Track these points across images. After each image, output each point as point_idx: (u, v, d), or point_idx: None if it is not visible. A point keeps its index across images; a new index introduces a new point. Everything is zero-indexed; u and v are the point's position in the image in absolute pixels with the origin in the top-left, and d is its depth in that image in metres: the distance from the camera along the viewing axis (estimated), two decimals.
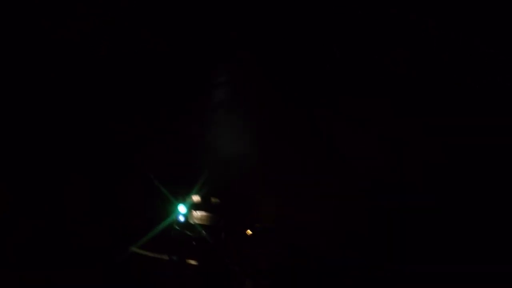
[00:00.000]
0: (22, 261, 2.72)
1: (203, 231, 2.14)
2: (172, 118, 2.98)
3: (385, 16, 2.93)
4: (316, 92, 3.01)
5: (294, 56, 3.00)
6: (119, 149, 2.82)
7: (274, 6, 2.93)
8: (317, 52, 2.98)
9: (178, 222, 2.17)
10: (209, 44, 2.99)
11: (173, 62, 3.04)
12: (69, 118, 2.95)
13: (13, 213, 2.81)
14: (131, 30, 3.00)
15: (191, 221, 2.18)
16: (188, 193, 2.30)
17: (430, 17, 2.89)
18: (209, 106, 2.90)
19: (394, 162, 2.92)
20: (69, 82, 2.98)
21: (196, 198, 2.28)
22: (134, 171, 2.77)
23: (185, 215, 2.19)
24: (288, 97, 3.00)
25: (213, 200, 2.28)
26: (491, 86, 2.84)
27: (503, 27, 2.78)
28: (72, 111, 2.96)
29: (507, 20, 2.77)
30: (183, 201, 2.25)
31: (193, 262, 2.03)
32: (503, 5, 2.75)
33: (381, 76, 2.98)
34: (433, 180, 2.84)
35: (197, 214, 2.23)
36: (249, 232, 2.33)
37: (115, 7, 2.95)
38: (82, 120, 2.96)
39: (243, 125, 2.96)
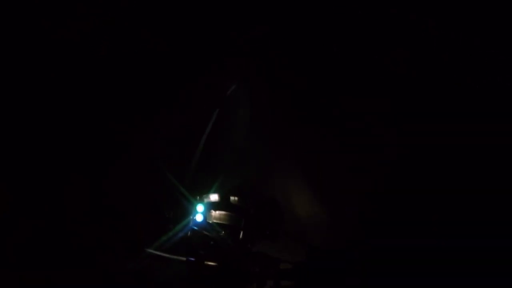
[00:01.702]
0: (22, 261, 2.72)
1: (222, 231, 2.09)
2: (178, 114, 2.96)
3: (385, 16, 2.93)
4: (316, 92, 3.01)
5: (294, 56, 3.01)
6: (122, 149, 2.80)
7: (274, 6, 2.93)
8: (317, 53, 2.99)
9: (196, 222, 2.12)
10: (209, 44, 3.00)
11: (173, 62, 3.05)
12: (69, 118, 2.96)
13: (13, 213, 2.81)
14: (131, 30, 3.00)
15: (210, 221, 2.13)
16: (206, 192, 2.24)
17: (430, 17, 2.89)
18: (218, 103, 2.86)
19: (394, 162, 2.92)
20: (69, 82, 2.98)
21: (214, 197, 2.22)
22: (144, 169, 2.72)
23: (203, 215, 2.14)
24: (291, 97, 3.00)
25: (233, 199, 2.22)
26: (491, 86, 2.84)
27: (503, 27, 2.78)
28: (72, 111, 2.96)
29: (507, 20, 2.77)
30: (201, 200, 2.20)
31: (211, 263, 1.99)
32: (503, 5, 2.76)
33: (381, 76, 2.98)
34: (435, 180, 2.84)
35: (216, 213, 2.16)
36: None
37: (115, 7, 2.96)
38: (82, 120, 2.96)
39: (255, 123, 2.94)
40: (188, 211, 2.16)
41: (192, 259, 1.97)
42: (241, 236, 2.11)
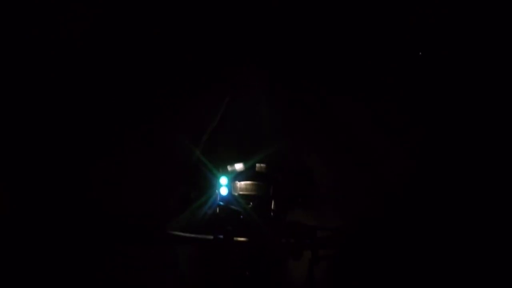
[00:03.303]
0: (22, 261, 2.71)
1: (250, 203, 1.95)
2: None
3: (385, 16, 2.94)
4: (317, 94, 3.02)
5: (297, 58, 3.01)
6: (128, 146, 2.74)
7: (275, 7, 2.93)
8: (318, 53, 2.99)
9: (221, 196, 1.98)
10: (210, 45, 3.00)
11: (174, 62, 3.04)
12: (70, 118, 2.95)
13: (13, 213, 2.81)
14: (131, 30, 3.00)
15: (235, 193, 1.99)
16: (228, 162, 2.07)
17: (430, 18, 2.90)
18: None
19: (395, 162, 2.93)
20: (69, 82, 2.97)
21: (239, 166, 2.07)
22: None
23: (228, 187, 2.00)
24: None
25: (259, 166, 2.07)
26: (490, 86, 2.85)
27: (503, 27, 2.79)
28: (72, 111, 2.96)
29: (507, 20, 2.78)
30: (224, 171, 2.06)
31: (241, 239, 1.87)
32: (503, 5, 2.77)
33: (381, 76, 2.99)
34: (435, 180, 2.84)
35: (242, 184, 2.01)
36: None
37: (115, 7, 2.95)
38: (84, 120, 2.96)
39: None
40: (211, 185, 2.02)
41: (221, 236, 1.86)
42: (272, 206, 1.96)
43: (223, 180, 2.01)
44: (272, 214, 1.96)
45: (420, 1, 2.92)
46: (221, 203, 1.98)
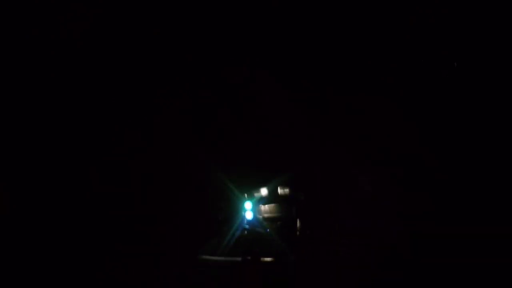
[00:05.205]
0: (22, 261, 2.71)
1: (275, 224, 2.05)
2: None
3: (385, 16, 2.94)
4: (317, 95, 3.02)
5: (298, 59, 3.00)
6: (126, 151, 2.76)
7: (276, 8, 2.93)
8: (318, 54, 2.99)
9: (246, 220, 2.08)
10: (210, 45, 3.00)
11: (174, 62, 3.05)
12: (70, 118, 2.95)
13: (13, 213, 2.81)
14: (131, 29, 3.00)
15: (260, 216, 2.09)
16: (252, 188, 2.19)
17: (430, 17, 2.90)
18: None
19: (395, 165, 2.93)
20: (69, 82, 2.97)
21: (263, 191, 2.17)
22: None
23: (252, 211, 2.10)
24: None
25: (281, 190, 2.17)
26: (490, 86, 2.85)
27: (503, 27, 2.79)
28: (73, 111, 2.96)
29: (506, 20, 2.78)
30: (248, 197, 2.16)
31: (268, 259, 1.95)
32: (503, 5, 2.77)
33: (382, 75, 2.99)
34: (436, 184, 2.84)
35: (266, 207, 2.12)
36: None
37: (115, 7, 2.95)
38: (84, 120, 2.96)
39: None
40: (237, 210, 2.12)
41: (249, 258, 1.94)
42: (298, 224, 2.06)
43: (248, 204, 2.11)
44: (297, 233, 2.04)
45: (420, 1, 2.92)
46: (247, 226, 2.07)
